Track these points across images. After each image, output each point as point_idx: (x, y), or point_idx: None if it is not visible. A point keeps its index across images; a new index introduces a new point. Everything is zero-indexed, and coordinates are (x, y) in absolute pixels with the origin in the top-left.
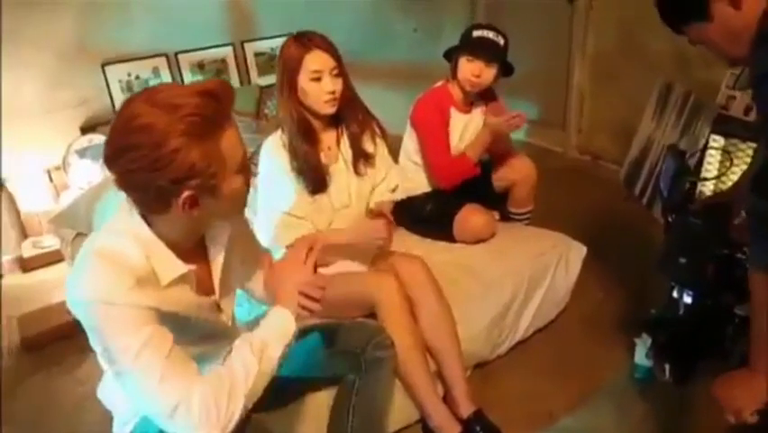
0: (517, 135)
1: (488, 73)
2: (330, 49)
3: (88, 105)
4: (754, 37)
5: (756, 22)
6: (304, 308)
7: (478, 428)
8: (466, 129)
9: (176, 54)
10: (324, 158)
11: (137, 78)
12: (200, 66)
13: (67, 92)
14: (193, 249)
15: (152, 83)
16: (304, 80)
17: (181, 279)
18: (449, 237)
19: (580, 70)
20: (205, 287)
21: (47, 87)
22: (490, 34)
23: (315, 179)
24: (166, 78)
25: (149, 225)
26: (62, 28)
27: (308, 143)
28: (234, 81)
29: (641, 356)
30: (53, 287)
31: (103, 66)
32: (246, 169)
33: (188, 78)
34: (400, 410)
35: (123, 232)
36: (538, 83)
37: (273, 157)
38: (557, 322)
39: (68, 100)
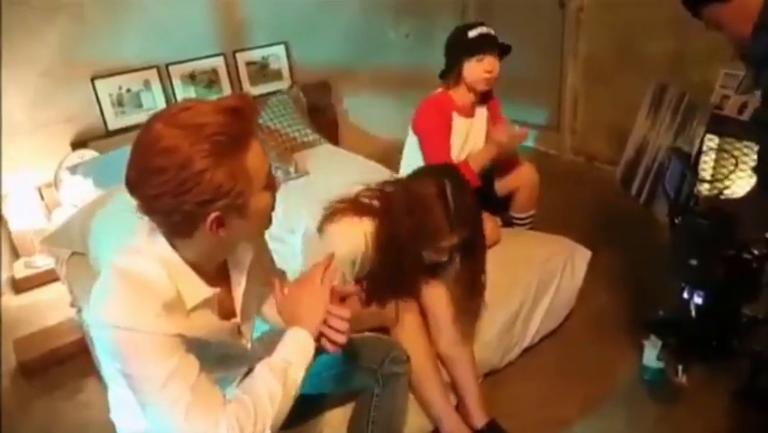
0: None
1: (496, 65)
2: None
3: (78, 120)
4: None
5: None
6: (328, 338)
7: None
8: (470, 133)
9: (167, 66)
10: None
11: (128, 90)
12: (192, 77)
13: (56, 107)
14: (215, 273)
15: (144, 96)
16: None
17: (205, 303)
18: None
19: (573, 73)
20: (226, 311)
21: (35, 103)
22: (484, 29)
23: None
24: (157, 90)
25: (173, 247)
26: (49, 42)
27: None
28: (226, 91)
29: (650, 358)
30: (48, 308)
31: (92, 80)
32: (272, 183)
33: (180, 89)
34: (413, 422)
35: (147, 254)
36: (531, 86)
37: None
38: (564, 326)
39: (58, 116)
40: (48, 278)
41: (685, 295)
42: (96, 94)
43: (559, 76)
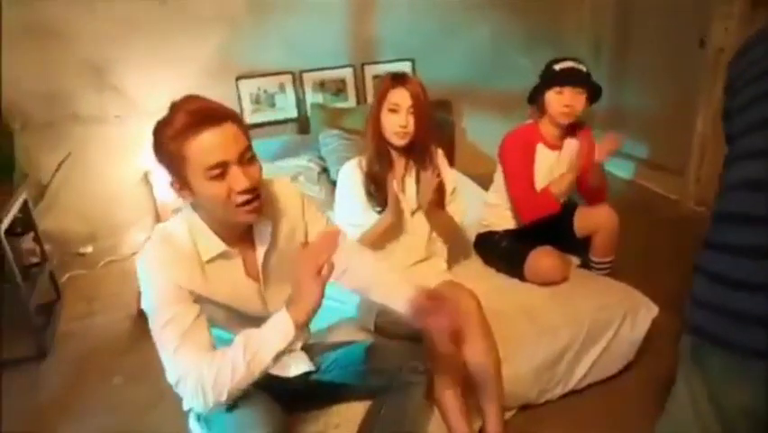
0: (627, 174)
1: (578, 101)
2: (415, 92)
3: None
4: None
5: None
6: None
7: None
8: (557, 165)
9: (300, 73)
10: (394, 185)
11: (265, 91)
12: (321, 84)
13: None
14: (240, 236)
15: (278, 98)
16: (384, 111)
17: (222, 257)
18: (519, 276)
19: (704, 118)
20: (253, 272)
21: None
22: (571, 63)
23: (382, 200)
24: (290, 93)
25: (193, 208)
26: (207, 47)
27: (382, 169)
28: (351, 100)
29: None
30: None
31: (237, 79)
32: (219, 178)
33: (309, 95)
34: None
35: (180, 215)
36: (662, 125)
37: (349, 177)
38: (618, 379)
39: None
40: None
41: None
42: (239, 92)
43: (690, 119)
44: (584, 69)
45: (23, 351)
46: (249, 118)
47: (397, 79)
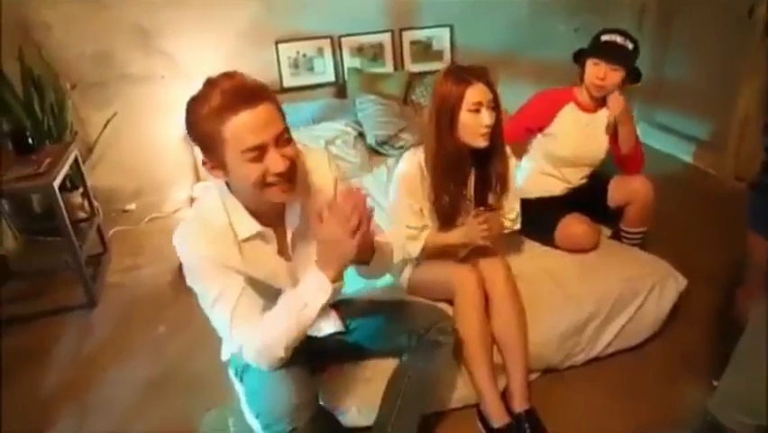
0: (664, 146)
1: (612, 77)
2: (488, 81)
3: (260, 76)
4: None
5: None
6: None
7: (526, 426)
8: (588, 127)
9: (339, 37)
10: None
11: (304, 55)
12: (359, 49)
13: (245, 63)
14: (274, 215)
15: (316, 62)
16: (463, 112)
17: (258, 237)
18: (550, 242)
19: (748, 91)
20: (284, 250)
21: (229, 59)
22: (618, 38)
23: (446, 217)
24: (328, 57)
25: (228, 186)
26: (246, 11)
27: (456, 183)
28: (389, 66)
29: None
30: None
31: (276, 43)
32: (258, 160)
33: (347, 59)
34: (459, 391)
35: (214, 190)
36: (702, 98)
37: (410, 175)
38: (642, 348)
39: (245, 70)
40: None
41: None
42: (278, 55)
43: (733, 93)
44: (629, 47)
45: (75, 300)
46: (287, 82)
47: (472, 74)
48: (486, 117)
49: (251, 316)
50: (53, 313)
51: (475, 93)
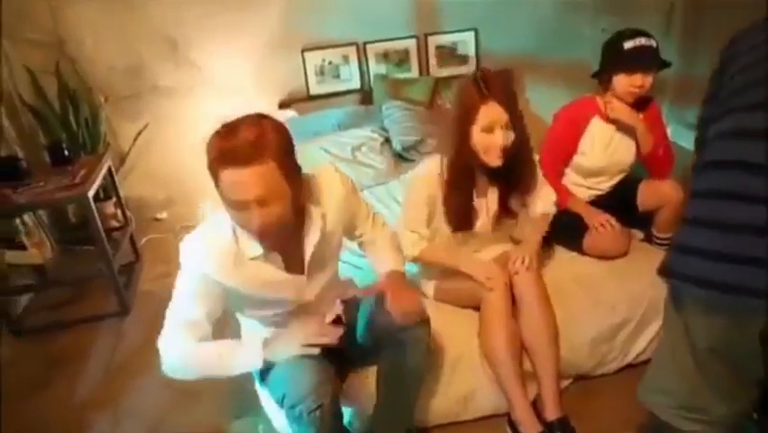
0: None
1: (648, 80)
2: (506, 100)
3: (287, 84)
4: None
5: None
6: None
7: None
8: (615, 137)
9: (364, 44)
10: (475, 203)
11: (329, 63)
12: (385, 55)
13: (272, 72)
14: (282, 238)
15: (342, 69)
16: (476, 130)
17: (264, 258)
18: (578, 248)
19: None
20: (296, 269)
21: (257, 69)
22: (643, 40)
23: (458, 223)
24: (354, 64)
25: None
26: (272, 20)
27: (464, 194)
28: (414, 71)
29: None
30: None
31: (302, 51)
32: (240, 208)
33: (373, 66)
34: (490, 400)
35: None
36: None
37: (427, 181)
38: None
39: (271, 80)
40: None
41: None
42: (304, 64)
43: None
44: (654, 44)
45: (109, 307)
46: (314, 89)
47: (492, 88)
48: (499, 138)
49: (197, 335)
50: (88, 320)
51: (489, 113)
